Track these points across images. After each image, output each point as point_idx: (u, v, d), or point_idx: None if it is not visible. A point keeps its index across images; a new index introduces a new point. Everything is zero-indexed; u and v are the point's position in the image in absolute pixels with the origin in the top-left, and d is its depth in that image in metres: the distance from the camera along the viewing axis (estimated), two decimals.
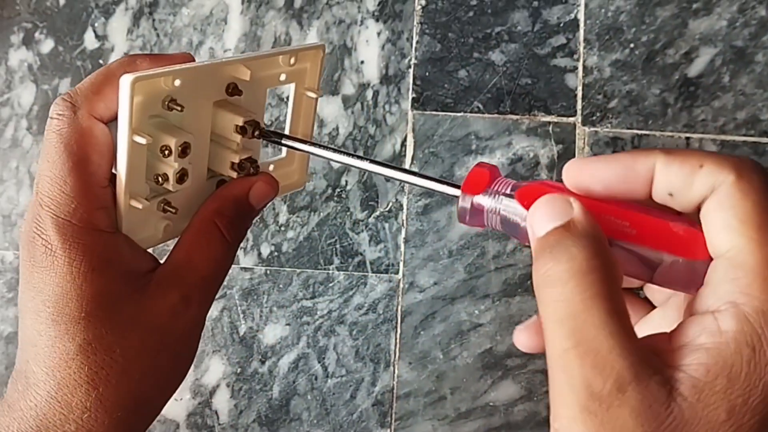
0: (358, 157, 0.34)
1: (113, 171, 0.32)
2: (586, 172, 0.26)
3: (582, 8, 0.70)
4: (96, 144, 0.30)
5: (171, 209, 0.34)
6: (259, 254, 0.69)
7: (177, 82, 0.31)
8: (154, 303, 0.30)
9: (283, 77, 0.36)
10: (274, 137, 0.35)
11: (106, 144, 0.31)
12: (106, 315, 0.29)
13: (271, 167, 0.39)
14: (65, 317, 0.28)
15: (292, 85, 0.37)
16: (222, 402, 0.67)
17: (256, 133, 0.34)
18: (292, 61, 0.36)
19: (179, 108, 0.31)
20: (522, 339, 0.27)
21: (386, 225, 0.69)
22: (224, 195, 0.34)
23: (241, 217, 0.34)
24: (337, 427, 0.66)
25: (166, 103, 0.31)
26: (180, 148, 0.32)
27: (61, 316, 0.28)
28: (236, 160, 0.34)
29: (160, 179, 0.33)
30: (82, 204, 0.29)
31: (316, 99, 0.38)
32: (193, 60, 0.34)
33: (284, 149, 0.39)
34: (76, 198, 0.29)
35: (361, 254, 0.69)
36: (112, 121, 0.32)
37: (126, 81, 0.29)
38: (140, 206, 0.32)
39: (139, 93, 0.30)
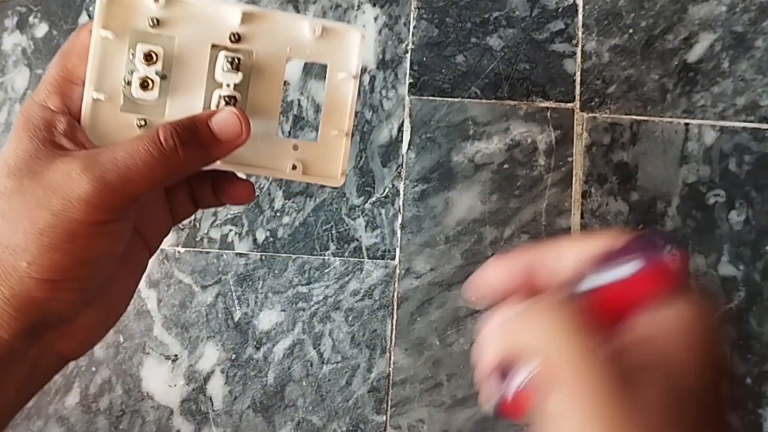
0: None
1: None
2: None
3: None
4: (80, 48, 0.35)
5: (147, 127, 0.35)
6: (255, 240, 0.68)
7: (160, 2, 0.34)
8: (57, 164, 0.31)
9: (308, 51, 0.36)
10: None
11: (86, 49, 0.35)
12: (18, 168, 0.32)
13: (297, 147, 0.39)
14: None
15: (327, 69, 0.38)
16: (216, 388, 0.67)
17: (236, 66, 0.35)
18: (318, 31, 0.36)
19: (160, 29, 0.34)
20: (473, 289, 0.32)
21: (383, 211, 0.68)
22: (188, 117, 0.35)
23: (193, 136, 0.33)
24: (333, 414, 0.65)
25: (151, 19, 0.34)
26: (145, 54, 0.34)
27: None
28: (223, 94, 0.35)
29: (125, 81, 0.34)
30: (48, 89, 0.35)
31: (354, 85, 0.37)
32: None
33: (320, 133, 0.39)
34: (47, 85, 0.35)
35: (357, 240, 0.68)
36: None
37: None
38: (102, 98, 0.34)
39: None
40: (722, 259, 0.66)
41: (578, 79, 0.69)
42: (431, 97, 0.69)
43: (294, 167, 0.37)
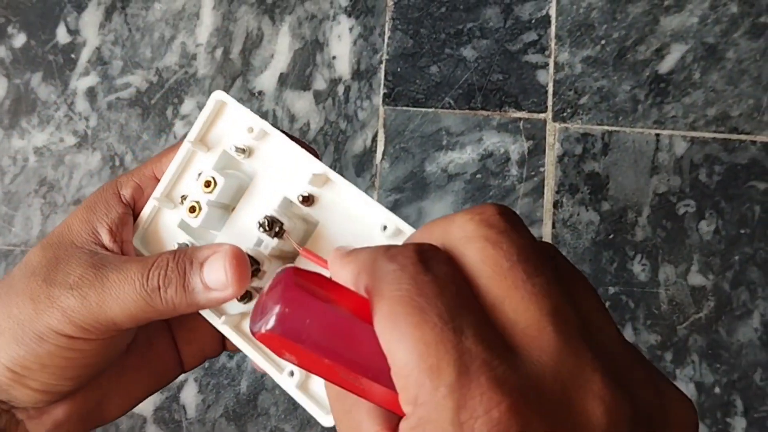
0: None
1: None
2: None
3: (554, 4, 0.70)
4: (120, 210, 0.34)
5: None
6: None
7: (253, 132, 0.31)
8: (71, 260, 0.31)
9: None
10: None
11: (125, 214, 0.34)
12: (50, 244, 0.32)
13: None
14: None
15: None
16: (189, 396, 0.67)
17: (274, 233, 0.31)
18: (389, 231, 0.31)
19: (246, 159, 0.32)
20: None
21: None
22: (194, 249, 0.30)
23: (179, 277, 0.29)
24: (305, 422, 0.66)
25: (239, 147, 0.32)
26: (207, 180, 0.31)
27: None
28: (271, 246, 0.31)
29: (181, 199, 0.33)
30: (132, 176, 0.34)
31: None
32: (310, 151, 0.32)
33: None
34: (135, 172, 0.34)
35: None
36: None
37: (214, 97, 0.32)
38: (159, 206, 0.33)
39: (218, 114, 0.32)
40: (692, 269, 0.67)
41: (551, 89, 0.69)
42: (405, 108, 0.70)
43: (291, 374, 0.31)
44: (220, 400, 0.67)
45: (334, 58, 0.71)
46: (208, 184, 0.31)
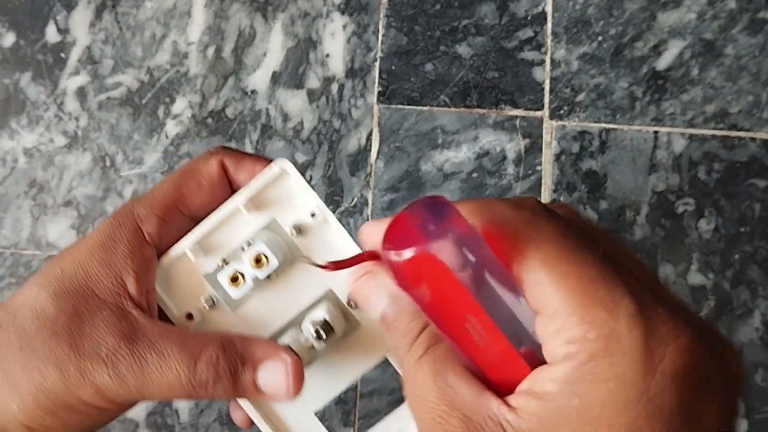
0: None
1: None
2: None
3: (550, 1, 0.69)
4: (205, 176, 0.31)
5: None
6: None
7: (314, 218, 0.30)
8: (97, 326, 0.28)
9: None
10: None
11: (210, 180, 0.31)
12: (68, 293, 0.29)
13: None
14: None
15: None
16: (183, 401, 0.66)
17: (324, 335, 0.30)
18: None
19: (298, 237, 0.30)
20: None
21: (351, 220, 0.68)
22: (244, 344, 0.29)
23: (232, 377, 0.28)
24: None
25: (296, 226, 0.30)
26: (257, 256, 0.29)
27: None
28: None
29: (222, 261, 0.31)
30: (152, 205, 0.31)
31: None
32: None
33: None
34: (154, 200, 0.31)
35: None
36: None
37: (279, 164, 0.30)
38: (192, 258, 0.30)
39: (276, 185, 0.30)
40: (691, 268, 0.66)
41: (547, 87, 0.68)
42: (400, 106, 0.69)
43: None
44: (214, 404, 0.66)
45: (327, 56, 0.70)
46: (259, 260, 0.30)
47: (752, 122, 0.67)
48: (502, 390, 0.20)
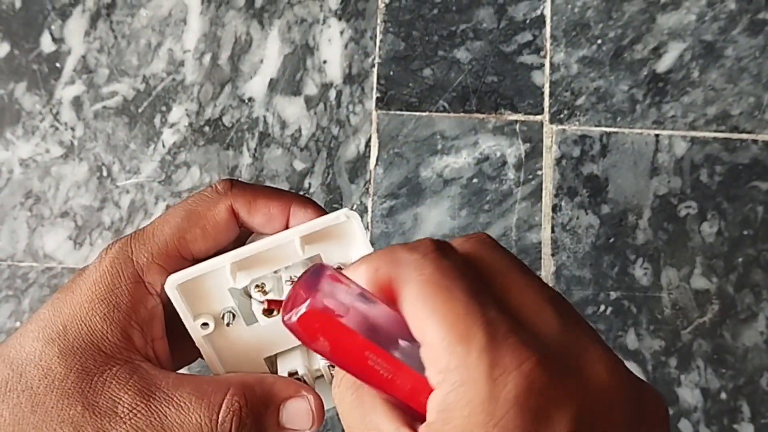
0: None
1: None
2: None
3: (548, 4, 0.69)
4: (211, 221, 0.30)
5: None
6: None
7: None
8: (108, 385, 0.28)
9: None
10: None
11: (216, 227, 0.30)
12: (74, 351, 0.28)
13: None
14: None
15: None
16: None
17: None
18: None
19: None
20: None
21: None
22: (264, 387, 0.29)
23: (256, 421, 0.28)
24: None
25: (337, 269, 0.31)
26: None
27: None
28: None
29: (256, 288, 0.30)
30: (153, 253, 0.30)
31: None
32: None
33: None
34: (155, 247, 0.30)
35: None
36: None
37: (345, 213, 0.29)
38: (228, 273, 0.30)
39: (336, 227, 0.30)
40: (695, 272, 0.65)
41: (547, 91, 0.68)
42: (399, 112, 0.68)
43: None
44: None
45: (324, 62, 0.69)
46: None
47: (754, 124, 0.67)
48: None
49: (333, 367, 0.30)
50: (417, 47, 0.69)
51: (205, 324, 0.30)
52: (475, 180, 0.67)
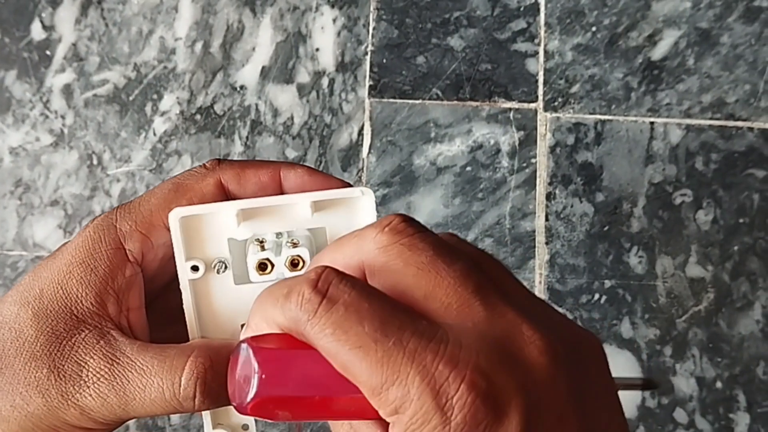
0: None
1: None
2: None
3: None
4: (198, 194, 0.30)
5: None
6: None
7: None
8: (78, 349, 0.28)
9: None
10: None
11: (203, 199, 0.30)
12: (46, 315, 0.29)
13: None
14: None
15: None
16: None
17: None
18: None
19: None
20: None
21: None
22: (231, 349, 0.28)
23: (221, 386, 0.28)
24: (293, 427, 0.64)
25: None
26: (294, 256, 0.29)
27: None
28: None
29: (257, 242, 0.30)
30: (137, 222, 0.30)
31: None
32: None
33: None
34: (139, 216, 0.30)
35: None
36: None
37: (362, 190, 0.29)
38: (233, 220, 0.29)
39: (348, 202, 0.30)
40: (690, 260, 0.65)
41: (541, 78, 0.67)
42: (392, 100, 0.68)
43: None
44: None
45: (317, 50, 0.69)
46: (296, 264, 0.29)
47: (749, 111, 0.66)
48: None
49: None
50: (410, 35, 0.69)
51: (195, 267, 0.30)
52: (468, 168, 0.67)
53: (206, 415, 0.30)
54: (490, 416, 0.20)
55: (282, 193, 0.30)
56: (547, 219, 0.66)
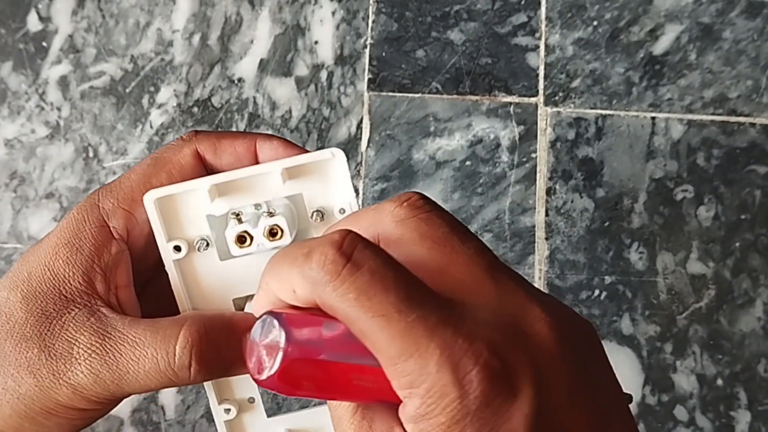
0: None
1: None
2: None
3: None
4: (176, 166, 0.30)
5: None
6: None
7: (345, 207, 0.31)
8: (67, 327, 0.28)
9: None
10: None
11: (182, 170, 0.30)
12: (35, 296, 0.29)
13: None
14: None
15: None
16: (168, 397, 0.64)
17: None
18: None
19: (320, 219, 0.31)
20: None
21: None
22: (224, 318, 0.28)
23: (216, 356, 0.27)
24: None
25: (317, 210, 0.30)
26: (272, 225, 0.29)
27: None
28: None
29: (234, 216, 0.30)
30: (119, 198, 0.30)
31: None
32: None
33: None
34: (121, 192, 0.30)
35: None
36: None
37: (332, 151, 0.29)
38: (207, 195, 0.29)
39: (320, 165, 0.30)
40: (691, 257, 0.64)
41: (541, 73, 0.67)
42: (391, 93, 0.67)
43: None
44: (201, 400, 0.64)
45: (316, 43, 0.68)
46: (274, 234, 0.29)
47: (752, 107, 0.65)
48: None
49: None
50: (410, 28, 0.68)
51: (177, 248, 0.30)
52: (468, 162, 0.66)
53: (210, 391, 0.30)
54: (505, 391, 0.20)
55: (258, 163, 0.30)
56: (547, 214, 0.65)
